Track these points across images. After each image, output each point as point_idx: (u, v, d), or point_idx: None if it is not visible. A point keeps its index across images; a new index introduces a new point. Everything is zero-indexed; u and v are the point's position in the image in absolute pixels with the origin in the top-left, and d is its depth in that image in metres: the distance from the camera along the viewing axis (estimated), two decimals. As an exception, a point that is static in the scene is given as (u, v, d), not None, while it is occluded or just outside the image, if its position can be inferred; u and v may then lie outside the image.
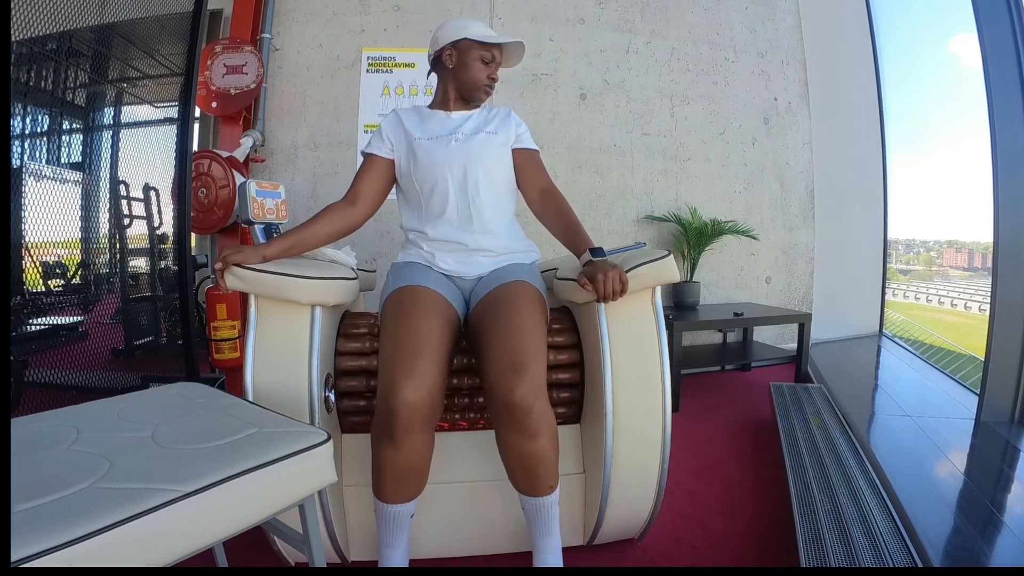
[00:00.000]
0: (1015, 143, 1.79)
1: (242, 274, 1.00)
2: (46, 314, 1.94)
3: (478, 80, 1.25)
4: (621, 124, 3.00)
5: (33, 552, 0.47)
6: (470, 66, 1.24)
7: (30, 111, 1.92)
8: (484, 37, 1.24)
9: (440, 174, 1.20)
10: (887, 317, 3.71)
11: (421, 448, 0.94)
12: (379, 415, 0.94)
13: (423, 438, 0.94)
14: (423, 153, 1.21)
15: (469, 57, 1.24)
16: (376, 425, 0.95)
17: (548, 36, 2.93)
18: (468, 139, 1.23)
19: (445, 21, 1.28)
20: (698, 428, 2.09)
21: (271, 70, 2.81)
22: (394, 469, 0.94)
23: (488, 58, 1.25)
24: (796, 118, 3.25)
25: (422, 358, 0.94)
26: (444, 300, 1.08)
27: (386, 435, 0.92)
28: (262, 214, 1.41)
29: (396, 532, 0.99)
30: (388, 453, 0.93)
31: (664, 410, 1.11)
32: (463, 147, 1.22)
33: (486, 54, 1.24)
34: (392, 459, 0.93)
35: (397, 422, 0.90)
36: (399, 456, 0.93)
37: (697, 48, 3.09)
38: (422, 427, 0.93)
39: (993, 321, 1.83)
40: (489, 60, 1.25)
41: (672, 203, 3.05)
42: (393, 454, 0.93)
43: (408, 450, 0.92)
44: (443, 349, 0.99)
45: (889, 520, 1.23)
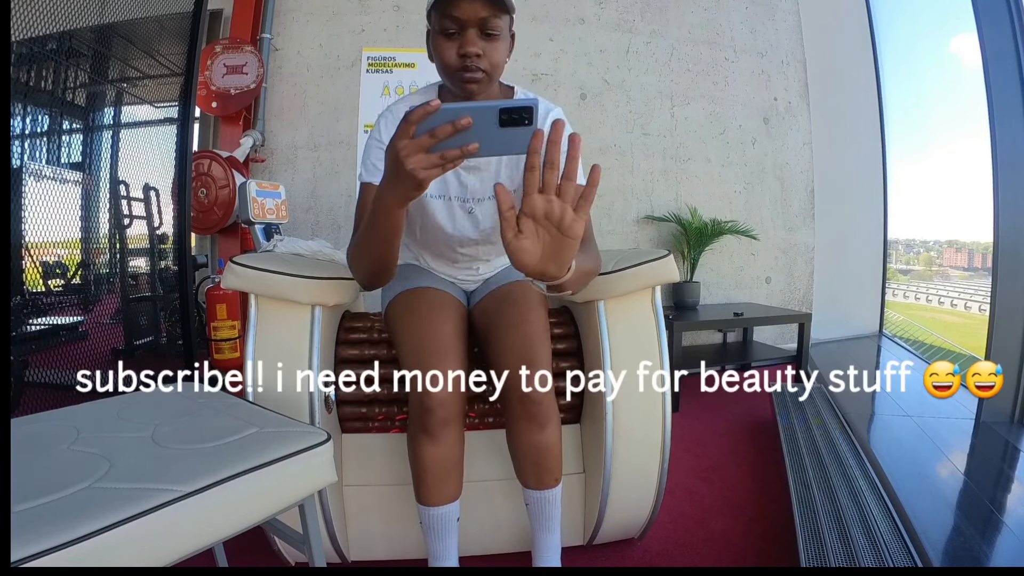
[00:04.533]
0: (1015, 143, 1.79)
1: (242, 273, 1.00)
2: (46, 314, 1.94)
3: (448, 64, 0.87)
4: (621, 124, 3.00)
5: (33, 552, 0.47)
6: (436, 48, 0.88)
7: (30, 111, 1.92)
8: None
9: (444, 237, 1.06)
10: (887, 317, 3.71)
11: (458, 441, 0.97)
12: (414, 416, 0.95)
13: (458, 431, 0.97)
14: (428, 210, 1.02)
15: (434, 34, 0.88)
16: (412, 426, 0.96)
17: (548, 36, 2.93)
18: (487, 206, 1.01)
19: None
20: (698, 428, 2.09)
21: (271, 70, 2.81)
22: (435, 466, 0.95)
23: (450, 27, 0.84)
24: (796, 118, 3.25)
25: (448, 357, 0.95)
26: (453, 298, 1.10)
27: (424, 433, 0.94)
28: (262, 214, 1.41)
29: (446, 538, 1.00)
30: (428, 450, 0.94)
31: (664, 410, 1.11)
32: (478, 217, 1.03)
33: (445, 22, 0.84)
34: (433, 455, 0.95)
35: (434, 418, 0.92)
36: (439, 451, 0.94)
37: (697, 48, 3.09)
38: (456, 420, 0.95)
39: (993, 321, 1.83)
40: (453, 30, 0.85)
41: (672, 203, 3.05)
42: (433, 450, 0.94)
43: (447, 444, 0.95)
44: (464, 344, 1.02)
45: (889, 520, 1.23)
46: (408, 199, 0.66)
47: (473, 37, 0.84)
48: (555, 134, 0.57)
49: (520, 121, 0.58)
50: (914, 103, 3.73)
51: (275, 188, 2.33)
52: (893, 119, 3.59)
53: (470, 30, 0.84)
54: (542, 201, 0.60)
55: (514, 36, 0.94)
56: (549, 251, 0.63)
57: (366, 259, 0.83)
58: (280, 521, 0.80)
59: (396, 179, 0.63)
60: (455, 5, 0.83)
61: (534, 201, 0.60)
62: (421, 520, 1.00)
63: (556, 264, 0.64)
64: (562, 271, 0.66)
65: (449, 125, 0.56)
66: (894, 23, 3.61)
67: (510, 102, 0.57)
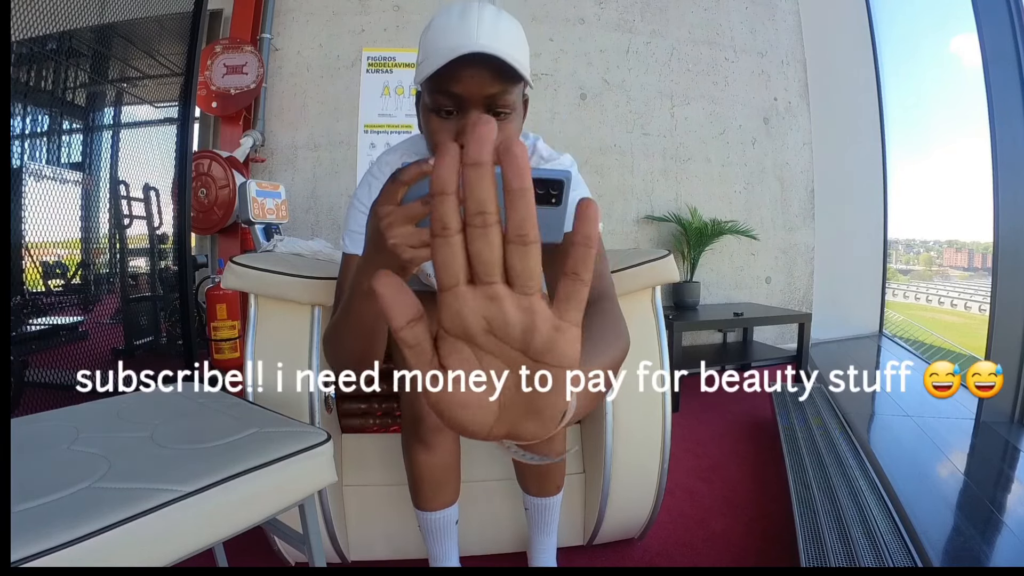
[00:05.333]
0: (1015, 143, 1.79)
1: (242, 273, 1.00)
2: (46, 314, 1.94)
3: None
4: (621, 124, 3.00)
5: (33, 552, 0.47)
6: (428, 127, 0.68)
7: (30, 111, 1.92)
8: (433, 65, 0.62)
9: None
10: (887, 317, 3.71)
11: (453, 446, 0.96)
12: (407, 422, 0.94)
13: (452, 437, 0.95)
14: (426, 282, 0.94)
15: (425, 110, 0.68)
16: (406, 433, 0.96)
17: (548, 36, 2.93)
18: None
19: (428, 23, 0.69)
20: (698, 428, 2.09)
21: (271, 70, 2.81)
22: (431, 472, 0.94)
23: (447, 106, 0.64)
24: (796, 118, 3.25)
25: None
26: None
27: (417, 440, 0.93)
28: (262, 214, 1.40)
29: (445, 540, 0.99)
30: (422, 457, 0.93)
31: (664, 410, 1.11)
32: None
33: (440, 99, 0.64)
34: (427, 462, 0.94)
35: (426, 425, 0.91)
36: (433, 457, 0.93)
37: (697, 48, 3.09)
38: None
39: (993, 321, 1.83)
40: (449, 110, 0.65)
41: (672, 203, 3.05)
42: (427, 457, 0.93)
43: (441, 450, 0.93)
44: None
45: (889, 520, 1.23)
46: None
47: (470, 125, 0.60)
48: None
49: (546, 199, 0.40)
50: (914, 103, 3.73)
51: (275, 188, 2.33)
52: (893, 119, 3.59)
53: (473, 111, 0.63)
54: (479, 299, 0.26)
55: (527, 102, 0.72)
56: (514, 399, 0.28)
57: (342, 350, 0.65)
58: (280, 521, 0.80)
59: (376, 255, 0.49)
60: (453, 78, 0.62)
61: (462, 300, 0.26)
62: (419, 524, 1.00)
63: (536, 421, 0.29)
64: (550, 426, 0.30)
65: None
66: (894, 23, 3.61)
67: (535, 171, 0.35)
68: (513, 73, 0.62)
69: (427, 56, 0.64)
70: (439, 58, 0.61)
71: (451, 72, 0.61)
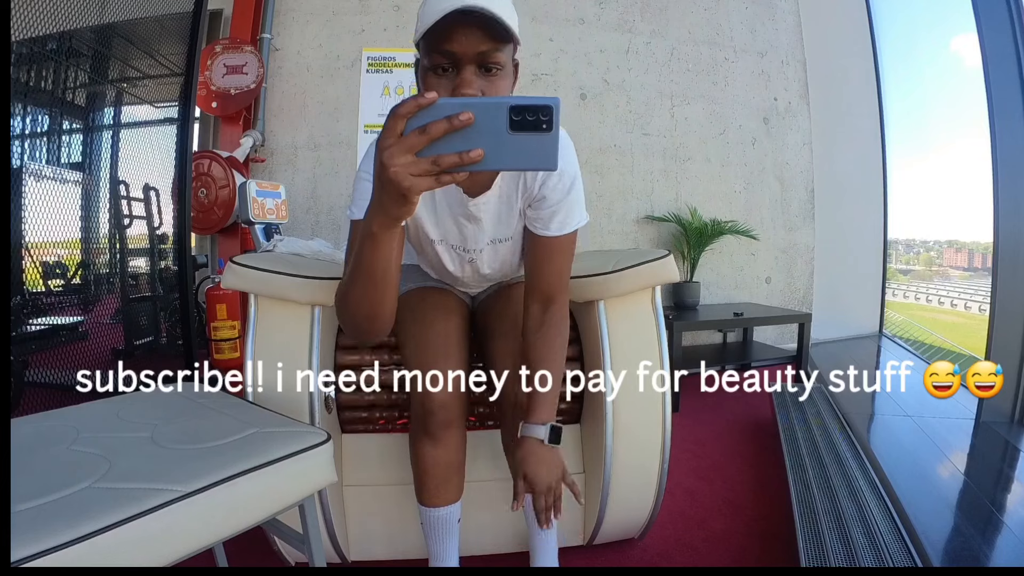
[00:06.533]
0: (1015, 143, 1.79)
1: (242, 273, 1.00)
2: (46, 314, 1.94)
3: None
4: (621, 124, 3.00)
5: (33, 552, 0.47)
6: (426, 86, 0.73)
7: (30, 111, 1.92)
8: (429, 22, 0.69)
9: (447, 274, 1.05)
10: (887, 317, 3.71)
11: (459, 443, 0.97)
12: (416, 417, 0.95)
13: (460, 433, 0.96)
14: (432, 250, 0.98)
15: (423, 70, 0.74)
16: (414, 428, 0.96)
17: (548, 36, 2.93)
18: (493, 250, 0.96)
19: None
20: (698, 428, 2.09)
21: (271, 70, 2.81)
22: (436, 467, 0.95)
23: (443, 64, 0.70)
24: (796, 118, 3.25)
25: (451, 359, 0.95)
26: (456, 298, 1.10)
27: (425, 434, 0.93)
28: (262, 214, 1.40)
29: (447, 539, 1.00)
30: (429, 452, 0.94)
31: (664, 410, 1.11)
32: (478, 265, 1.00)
33: (437, 57, 0.70)
34: (434, 457, 0.94)
35: (435, 420, 0.92)
36: (440, 453, 0.94)
37: (697, 48, 3.09)
38: (458, 422, 0.95)
39: (993, 321, 1.83)
40: (444, 67, 0.71)
41: (672, 203, 3.05)
42: (434, 452, 0.94)
43: (448, 445, 0.94)
44: (466, 345, 1.01)
45: (889, 520, 1.23)
46: (395, 218, 0.55)
47: (470, 76, 0.70)
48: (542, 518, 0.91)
49: (536, 125, 0.45)
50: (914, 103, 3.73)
51: (275, 188, 2.33)
52: (893, 119, 3.59)
53: (467, 67, 0.70)
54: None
55: (517, 66, 0.78)
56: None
57: (353, 302, 0.70)
58: (280, 521, 0.80)
59: (380, 191, 0.53)
60: (448, 37, 0.68)
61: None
62: (422, 521, 1.00)
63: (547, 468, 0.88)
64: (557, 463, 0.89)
65: (445, 121, 0.46)
66: (894, 23, 3.61)
67: (524, 99, 0.45)
68: (503, 31, 0.68)
69: (423, 16, 0.70)
70: (434, 15, 0.67)
71: (445, 31, 0.68)
